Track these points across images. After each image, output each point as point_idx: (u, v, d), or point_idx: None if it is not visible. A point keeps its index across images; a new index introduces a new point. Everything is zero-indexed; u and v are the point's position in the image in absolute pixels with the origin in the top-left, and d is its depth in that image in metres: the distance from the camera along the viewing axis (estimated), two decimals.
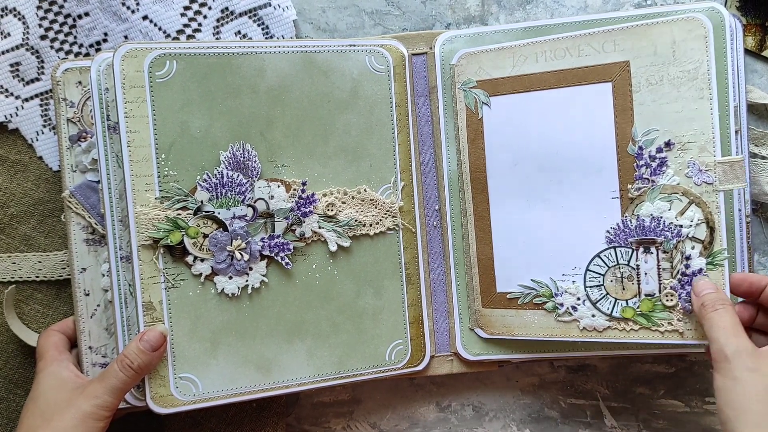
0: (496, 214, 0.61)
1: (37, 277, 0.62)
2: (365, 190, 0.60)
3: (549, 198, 0.59)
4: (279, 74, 0.58)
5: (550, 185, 0.59)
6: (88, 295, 0.59)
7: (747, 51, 0.62)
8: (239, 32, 0.63)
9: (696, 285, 0.54)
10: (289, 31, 0.63)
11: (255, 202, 0.57)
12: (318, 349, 0.59)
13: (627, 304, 0.58)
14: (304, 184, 0.58)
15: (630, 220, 0.57)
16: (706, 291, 0.53)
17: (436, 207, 0.63)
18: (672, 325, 0.56)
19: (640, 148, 0.57)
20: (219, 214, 0.56)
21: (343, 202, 0.60)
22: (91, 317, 0.59)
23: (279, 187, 0.58)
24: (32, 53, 0.62)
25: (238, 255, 0.56)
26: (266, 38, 0.63)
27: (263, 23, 0.63)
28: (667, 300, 0.56)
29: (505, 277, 0.61)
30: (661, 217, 0.56)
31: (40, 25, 0.61)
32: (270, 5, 0.62)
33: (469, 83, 0.61)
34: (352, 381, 0.60)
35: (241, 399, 0.57)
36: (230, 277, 0.57)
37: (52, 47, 0.62)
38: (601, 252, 0.58)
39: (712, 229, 0.55)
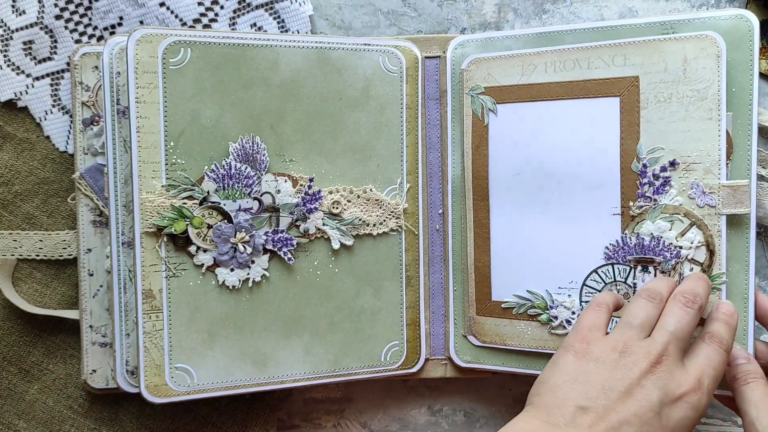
0: (495, 223, 0.61)
1: (38, 255, 0.62)
2: (371, 190, 0.60)
3: (549, 210, 0.59)
4: (292, 68, 0.58)
5: (551, 197, 0.59)
6: (92, 275, 0.60)
7: (760, 74, 0.62)
8: (255, 24, 0.62)
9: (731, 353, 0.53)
10: (305, 26, 0.63)
11: (261, 196, 0.57)
12: (315, 346, 0.59)
13: None
14: (311, 180, 0.58)
15: (630, 238, 0.57)
16: (739, 362, 0.53)
17: (440, 211, 0.63)
18: None
19: (645, 165, 0.56)
20: (225, 205, 0.56)
21: (349, 201, 0.60)
22: (94, 297, 0.60)
23: (286, 181, 0.58)
24: (46, 32, 0.61)
25: (241, 247, 0.56)
26: (281, 32, 0.63)
27: (279, 17, 0.62)
28: None
29: (501, 286, 0.61)
30: (662, 237, 0.56)
31: (56, 5, 0.61)
32: None
33: (477, 89, 0.61)
34: (347, 379, 0.60)
35: (235, 392, 0.57)
36: (232, 270, 0.57)
37: (66, 27, 0.61)
38: (599, 268, 0.58)
39: (711, 252, 0.56)
